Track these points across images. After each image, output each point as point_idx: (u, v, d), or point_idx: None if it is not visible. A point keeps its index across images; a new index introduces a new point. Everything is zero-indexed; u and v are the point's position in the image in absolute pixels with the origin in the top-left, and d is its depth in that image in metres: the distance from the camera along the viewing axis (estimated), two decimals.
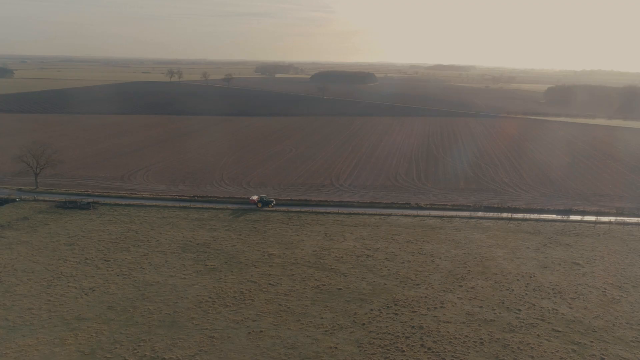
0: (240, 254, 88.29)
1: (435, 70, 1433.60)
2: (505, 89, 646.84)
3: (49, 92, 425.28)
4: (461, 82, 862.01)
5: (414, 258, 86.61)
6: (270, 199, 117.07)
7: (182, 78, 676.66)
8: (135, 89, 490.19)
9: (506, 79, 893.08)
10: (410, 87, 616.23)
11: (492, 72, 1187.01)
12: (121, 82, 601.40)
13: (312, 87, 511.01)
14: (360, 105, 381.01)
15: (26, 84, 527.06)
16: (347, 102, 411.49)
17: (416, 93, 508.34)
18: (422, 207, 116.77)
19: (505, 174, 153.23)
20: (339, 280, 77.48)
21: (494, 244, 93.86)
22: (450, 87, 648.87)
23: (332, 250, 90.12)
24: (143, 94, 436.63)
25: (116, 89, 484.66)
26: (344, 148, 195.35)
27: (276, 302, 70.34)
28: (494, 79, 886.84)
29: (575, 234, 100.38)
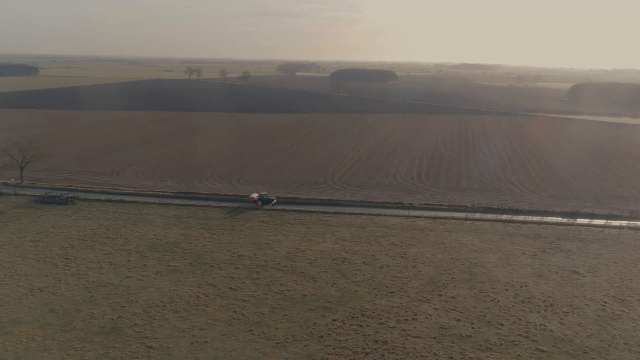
0: (208, 254, 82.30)
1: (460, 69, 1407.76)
2: (529, 88, 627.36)
3: (66, 89, 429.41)
4: (485, 80, 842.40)
5: (394, 262, 79.14)
6: (271, 197, 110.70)
7: (201, 76, 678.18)
8: (152, 87, 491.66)
9: (532, 78, 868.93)
10: (430, 85, 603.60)
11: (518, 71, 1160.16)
12: (140, 79, 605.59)
13: (329, 85, 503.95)
14: (373, 103, 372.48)
15: (48, 82, 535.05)
16: (361, 99, 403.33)
17: (434, 91, 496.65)
18: (415, 207, 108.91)
19: (512, 173, 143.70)
20: (306, 286, 70.66)
21: (486, 249, 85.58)
22: (471, 86, 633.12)
23: (308, 252, 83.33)
24: (158, 91, 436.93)
25: (133, 87, 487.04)
26: (347, 145, 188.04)
27: (231, 309, 63.98)
28: (519, 78, 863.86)
29: (579, 239, 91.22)
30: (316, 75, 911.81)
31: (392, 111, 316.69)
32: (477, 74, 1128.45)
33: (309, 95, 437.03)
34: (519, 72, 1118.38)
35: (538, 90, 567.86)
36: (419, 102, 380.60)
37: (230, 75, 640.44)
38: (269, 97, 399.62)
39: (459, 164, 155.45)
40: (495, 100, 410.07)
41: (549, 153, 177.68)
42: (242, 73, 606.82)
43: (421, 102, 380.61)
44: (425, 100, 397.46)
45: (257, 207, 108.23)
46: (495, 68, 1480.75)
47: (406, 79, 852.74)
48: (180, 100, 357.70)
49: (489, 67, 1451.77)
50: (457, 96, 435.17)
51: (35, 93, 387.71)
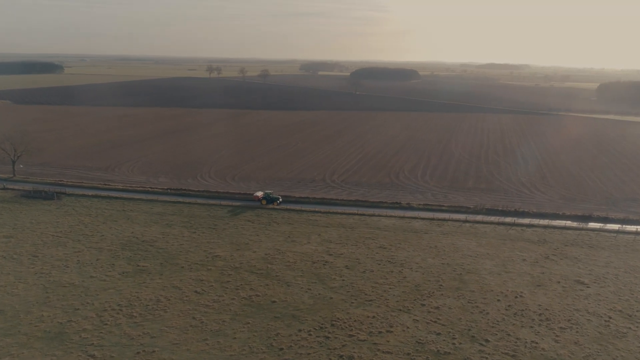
0: (182, 254, 77.32)
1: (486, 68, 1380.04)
2: (556, 87, 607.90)
3: (83, 87, 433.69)
4: (510, 80, 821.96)
5: (379, 267, 72.73)
6: (277, 196, 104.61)
7: (221, 74, 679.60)
8: (169, 84, 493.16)
9: (560, 78, 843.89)
10: (452, 84, 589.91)
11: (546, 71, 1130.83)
12: (158, 77, 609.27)
13: (348, 84, 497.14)
14: (390, 101, 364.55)
15: (68, 79, 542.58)
16: (378, 97, 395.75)
17: (456, 90, 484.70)
18: (413, 207, 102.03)
19: (525, 173, 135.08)
20: (278, 291, 64.90)
21: (483, 254, 78.35)
22: (494, 85, 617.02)
23: (288, 254, 77.56)
24: (174, 89, 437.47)
25: (151, 84, 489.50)
26: (355, 142, 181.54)
27: (190, 315, 58.69)
28: (546, 78, 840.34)
29: (589, 244, 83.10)
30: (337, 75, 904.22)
31: (408, 109, 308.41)
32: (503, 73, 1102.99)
33: (325, 93, 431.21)
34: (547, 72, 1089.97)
35: (565, 90, 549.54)
36: (437, 101, 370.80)
37: (249, 74, 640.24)
38: (284, 95, 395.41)
39: (468, 163, 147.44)
40: (518, 99, 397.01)
41: (567, 152, 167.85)
42: (260, 71, 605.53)
43: (440, 101, 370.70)
44: (445, 98, 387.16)
45: (261, 206, 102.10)
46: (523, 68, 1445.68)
47: (429, 78, 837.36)
48: (194, 98, 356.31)
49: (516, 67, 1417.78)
50: (478, 95, 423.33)
51: (51, 90, 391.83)
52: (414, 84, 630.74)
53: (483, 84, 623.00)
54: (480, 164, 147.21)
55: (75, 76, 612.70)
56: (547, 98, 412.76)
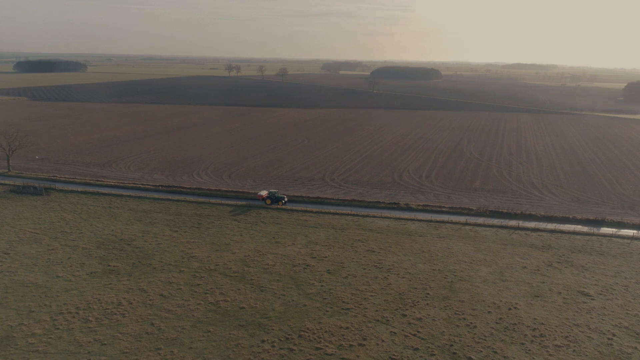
0: (158, 254, 73.23)
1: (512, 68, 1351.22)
2: (582, 87, 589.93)
3: (100, 84, 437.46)
4: (536, 80, 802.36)
5: (363, 272, 67.29)
6: (282, 195, 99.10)
7: (241, 73, 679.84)
8: (187, 83, 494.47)
9: (587, 78, 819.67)
10: (474, 84, 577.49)
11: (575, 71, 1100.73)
12: (177, 76, 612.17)
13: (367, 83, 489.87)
14: (407, 99, 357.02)
15: (89, 77, 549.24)
16: (395, 96, 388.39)
17: (477, 89, 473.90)
18: (411, 208, 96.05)
19: (537, 174, 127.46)
20: (249, 297, 60.09)
21: (479, 260, 72.13)
22: (518, 85, 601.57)
23: (269, 256, 72.73)
24: (188, 87, 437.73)
25: (169, 82, 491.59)
26: (363, 140, 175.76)
27: (149, 321, 54.32)
28: (573, 77, 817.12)
29: (598, 251, 76.00)
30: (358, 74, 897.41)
31: (424, 108, 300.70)
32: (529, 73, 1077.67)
33: (342, 91, 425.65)
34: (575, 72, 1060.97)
35: (591, 90, 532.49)
36: (456, 99, 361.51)
37: (268, 73, 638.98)
38: (300, 93, 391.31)
39: (478, 163, 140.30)
40: (541, 98, 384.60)
41: (585, 153, 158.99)
42: (279, 70, 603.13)
43: (458, 99, 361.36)
44: (465, 97, 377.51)
45: (266, 205, 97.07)
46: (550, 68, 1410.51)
47: (451, 78, 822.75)
48: (207, 95, 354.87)
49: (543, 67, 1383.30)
50: (499, 94, 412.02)
51: (69, 87, 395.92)
52: (434, 83, 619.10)
53: (506, 84, 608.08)
54: (491, 163, 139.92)
55: (97, 74, 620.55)
56: (571, 97, 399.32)
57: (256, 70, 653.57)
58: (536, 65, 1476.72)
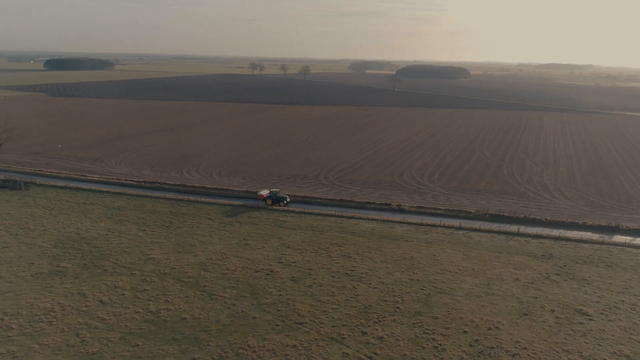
0: (115, 254, 67.70)
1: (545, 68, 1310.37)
2: (618, 87, 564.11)
3: (122, 82, 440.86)
4: (570, 80, 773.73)
5: (331, 281, 60.07)
6: (284, 195, 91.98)
7: (264, 71, 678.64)
8: (207, 81, 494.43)
9: (625, 78, 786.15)
10: (503, 83, 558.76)
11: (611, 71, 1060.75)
12: (202, 74, 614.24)
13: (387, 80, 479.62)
14: (428, 97, 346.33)
15: (113, 75, 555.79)
16: (417, 94, 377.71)
17: (505, 88, 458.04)
18: (403, 209, 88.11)
19: (551, 175, 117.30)
20: (195, 306, 53.69)
21: (466, 269, 63.89)
22: (549, 84, 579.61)
23: (232, 259, 66.27)
24: (209, 84, 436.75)
25: (190, 80, 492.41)
26: (371, 138, 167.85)
27: (75, 331, 48.53)
28: (609, 78, 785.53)
29: (606, 263, 66.67)
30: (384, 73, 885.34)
31: (444, 106, 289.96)
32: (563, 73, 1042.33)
33: (362, 89, 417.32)
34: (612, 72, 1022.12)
35: (627, 89, 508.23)
36: (479, 98, 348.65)
37: (290, 71, 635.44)
38: (319, 91, 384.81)
39: (488, 163, 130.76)
40: (571, 98, 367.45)
41: (609, 153, 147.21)
42: (301, 68, 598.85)
43: (482, 98, 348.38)
44: (489, 96, 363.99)
45: (266, 206, 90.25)
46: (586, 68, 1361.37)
47: (480, 77, 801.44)
48: (225, 93, 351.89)
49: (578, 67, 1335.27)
50: (528, 93, 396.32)
51: (89, 84, 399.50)
52: (461, 82, 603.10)
53: (537, 83, 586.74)
54: (503, 163, 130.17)
55: (122, 72, 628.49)
56: (604, 97, 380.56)
57: (279, 69, 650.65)
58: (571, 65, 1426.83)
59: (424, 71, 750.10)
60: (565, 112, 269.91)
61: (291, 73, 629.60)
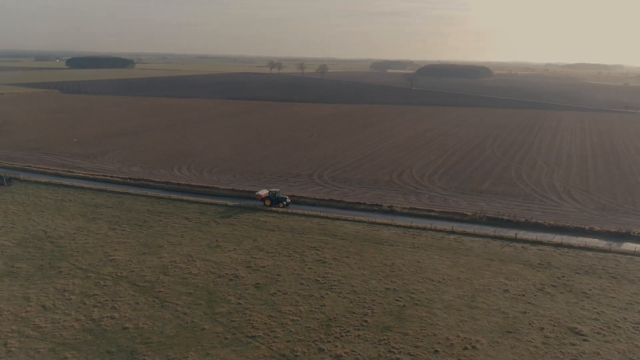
0: (77, 255, 63.58)
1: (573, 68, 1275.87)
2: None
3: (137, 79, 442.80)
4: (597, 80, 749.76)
5: (298, 289, 54.64)
6: (284, 196, 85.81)
7: (281, 70, 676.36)
8: (223, 79, 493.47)
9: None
10: (526, 83, 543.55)
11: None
12: (218, 73, 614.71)
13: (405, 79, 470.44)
14: (444, 96, 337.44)
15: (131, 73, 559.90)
16: (434, 92, 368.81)
17: (527, 87, 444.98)
18: (395, 211, 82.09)
19: (562, 176, 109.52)
20: (142, 314, 48.94)
21: (451, 278, 57.67)
22: (575, 84, 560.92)
23: (198, 262, 61.41)
24: (222, 82, 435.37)
25: (206, 79, 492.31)
26: (376, 136, 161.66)
27: (3, 341, 44.32)
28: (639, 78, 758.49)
29: (611, 273, 59.61)
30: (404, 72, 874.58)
31: (460, 104, 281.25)
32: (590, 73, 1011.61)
33: (379, 88, 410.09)
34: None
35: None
36: (498, 97, 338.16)
37: (308, 70, 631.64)
38: (333, 89, 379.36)
39: (495, 162, 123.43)
40: (596, 97, 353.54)
41: (629, 153, 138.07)
42: (318, 67, 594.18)
43: (501, 97, 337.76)
44: (509, 95, 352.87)
45: (265, 207, 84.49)
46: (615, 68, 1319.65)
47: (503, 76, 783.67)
48: (242, 90, 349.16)
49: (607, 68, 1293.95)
50: (551, 93, 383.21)
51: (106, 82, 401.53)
52: (482, 81, 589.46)
53: (562, 83, 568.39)
54: (512, 163, 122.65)
55: (141, 71, 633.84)
56: (631, 96, 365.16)
57: (297, 67, 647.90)
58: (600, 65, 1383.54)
59: (445, 70, 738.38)
60: (588, 111, 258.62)
61: (309, 72, 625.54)
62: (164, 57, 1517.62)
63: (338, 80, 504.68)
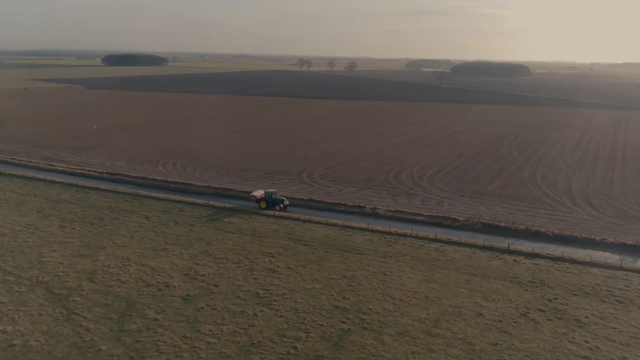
0: (9, 255, 57.64)
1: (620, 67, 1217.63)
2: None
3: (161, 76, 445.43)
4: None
5: (231, 303, 46.64)
6: (281, 197, 76.59)
7: (311, 67, 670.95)
8: (250, 76, 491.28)
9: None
10: (566, 81, 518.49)
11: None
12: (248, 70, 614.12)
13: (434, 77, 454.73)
14: (472, 93, 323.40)
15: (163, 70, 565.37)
16: (463, 90, 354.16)
17: (562, 86, 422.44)
18: (378, 214, 73.04)
19: (582, 178, 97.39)
20: (39, 328, 42.03)
21: (418, 296, 48.33)
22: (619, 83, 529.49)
23: (132, 268, 54.29)
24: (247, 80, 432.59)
25: (233, 76, 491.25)
26: (383, 134, 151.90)
27: None
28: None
29: (617, 297, 48.88)
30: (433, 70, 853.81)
31: (486, 102, 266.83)
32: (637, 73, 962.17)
33: (405, 85, 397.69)
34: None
35: None
36: (531, 95, 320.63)
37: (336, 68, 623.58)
38: (357, 86, 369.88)
39: (509, 162, 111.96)
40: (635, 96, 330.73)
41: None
42: (347, 64, 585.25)
43: (534, 95, 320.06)
44: (546, 93, 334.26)
45: (260, 209, 75.31)
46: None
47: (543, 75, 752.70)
48: (262, 86, 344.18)
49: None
50: (590, 91, 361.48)
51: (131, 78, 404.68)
52: (520, 80, 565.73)
53: (605, 82, 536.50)
54: (528, 163, 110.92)
55: (172, 68, 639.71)
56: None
57: (326, 65, 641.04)
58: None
59: (481, 68, 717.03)
60: (626, 109, 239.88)
61: (338, 70, 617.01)
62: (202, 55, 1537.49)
63: (365, 78, 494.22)
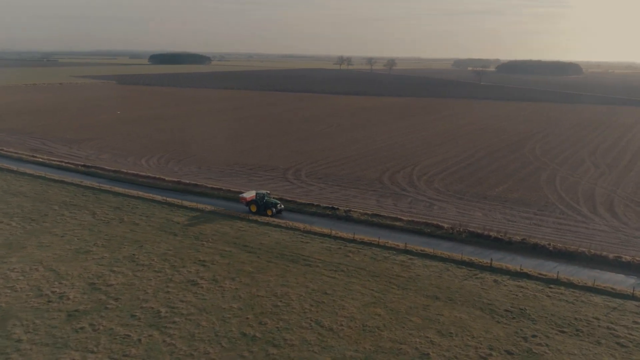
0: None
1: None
2: None
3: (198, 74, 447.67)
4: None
5: (119, 324, 38.32)
6: (275, 200, 66.35)
7: (350, 66, 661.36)
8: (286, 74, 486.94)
9: None
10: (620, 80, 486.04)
11: None
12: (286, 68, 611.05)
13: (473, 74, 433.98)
14: (510, 91, 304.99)
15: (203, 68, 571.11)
16: (502, 87, 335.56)
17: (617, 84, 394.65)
18: (351, 217, 63.09)
19: (609, 181, 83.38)
20: None
21: (354, 325, 38.32)
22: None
23: (37, 273, 47.20)
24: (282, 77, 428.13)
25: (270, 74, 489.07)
26: (400, 129, 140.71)
27: None
28: None
29: (619, 337, 36.92)
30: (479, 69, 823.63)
31: (525, 99, 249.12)
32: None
33: (442, 82, 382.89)
34: None
35: None
36: (575, 92, 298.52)
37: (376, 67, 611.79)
38: (393, 83, 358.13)
39: (526, 162, 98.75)
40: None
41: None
42: (386, 61, 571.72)
43: (579, 93, 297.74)
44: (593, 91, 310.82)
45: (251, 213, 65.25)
46: None
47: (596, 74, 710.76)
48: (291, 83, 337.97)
49: None
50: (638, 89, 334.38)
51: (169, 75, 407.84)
52: (568, 79, 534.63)
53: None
54: (550, 164, 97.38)
55: (214, 66, 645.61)
56: None
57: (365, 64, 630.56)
58: None
59: (528, 67, 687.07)
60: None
61: (377, 68, 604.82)
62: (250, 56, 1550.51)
63: (402, 76, 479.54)
